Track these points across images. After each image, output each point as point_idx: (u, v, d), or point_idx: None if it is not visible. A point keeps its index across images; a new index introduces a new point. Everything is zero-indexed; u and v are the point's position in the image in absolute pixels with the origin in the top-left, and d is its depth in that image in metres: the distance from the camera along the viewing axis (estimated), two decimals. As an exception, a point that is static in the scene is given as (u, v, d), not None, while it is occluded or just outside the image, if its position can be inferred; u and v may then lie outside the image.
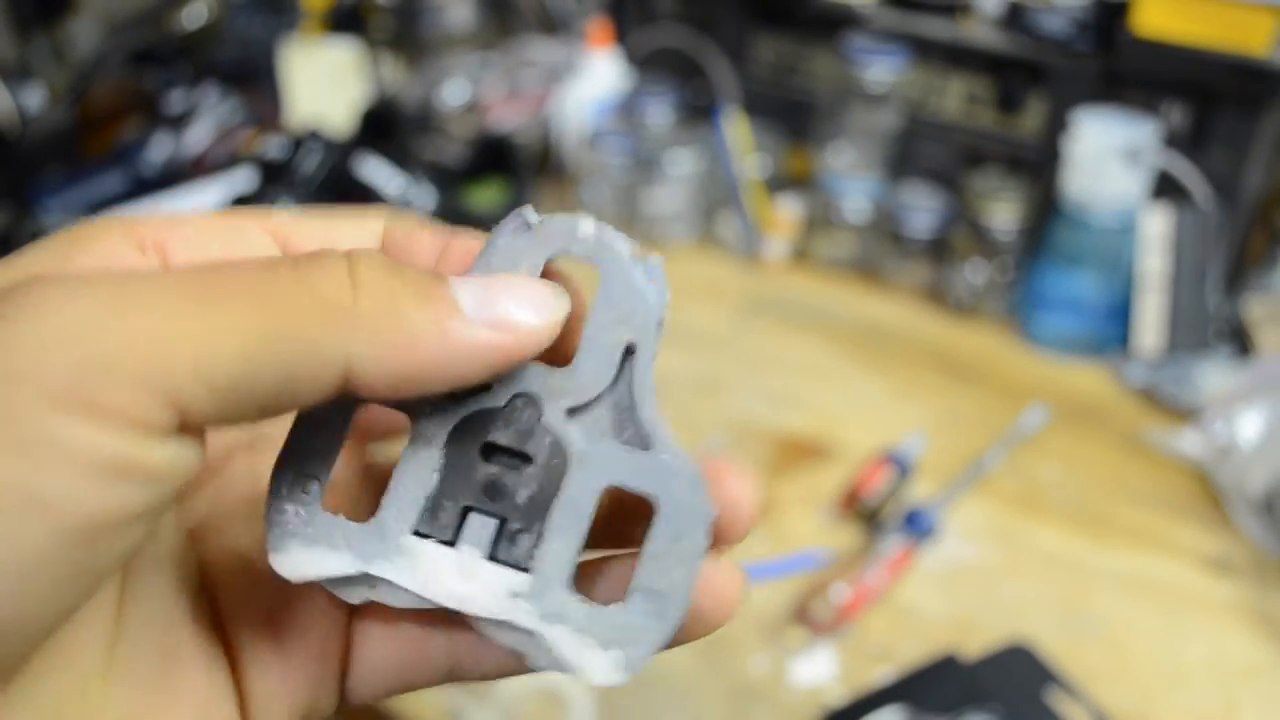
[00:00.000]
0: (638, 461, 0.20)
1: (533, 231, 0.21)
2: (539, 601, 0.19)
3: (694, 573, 0.19)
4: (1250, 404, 0.62)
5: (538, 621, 0.19)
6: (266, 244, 0.21)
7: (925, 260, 0.82)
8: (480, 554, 0.20)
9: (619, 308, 0.21)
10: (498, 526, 0.20)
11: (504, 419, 0.20)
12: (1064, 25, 0.75)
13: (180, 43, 0.96)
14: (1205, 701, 0.49)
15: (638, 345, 0.20)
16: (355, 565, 0.19)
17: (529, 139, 0.95)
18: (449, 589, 0.19)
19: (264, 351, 0.16)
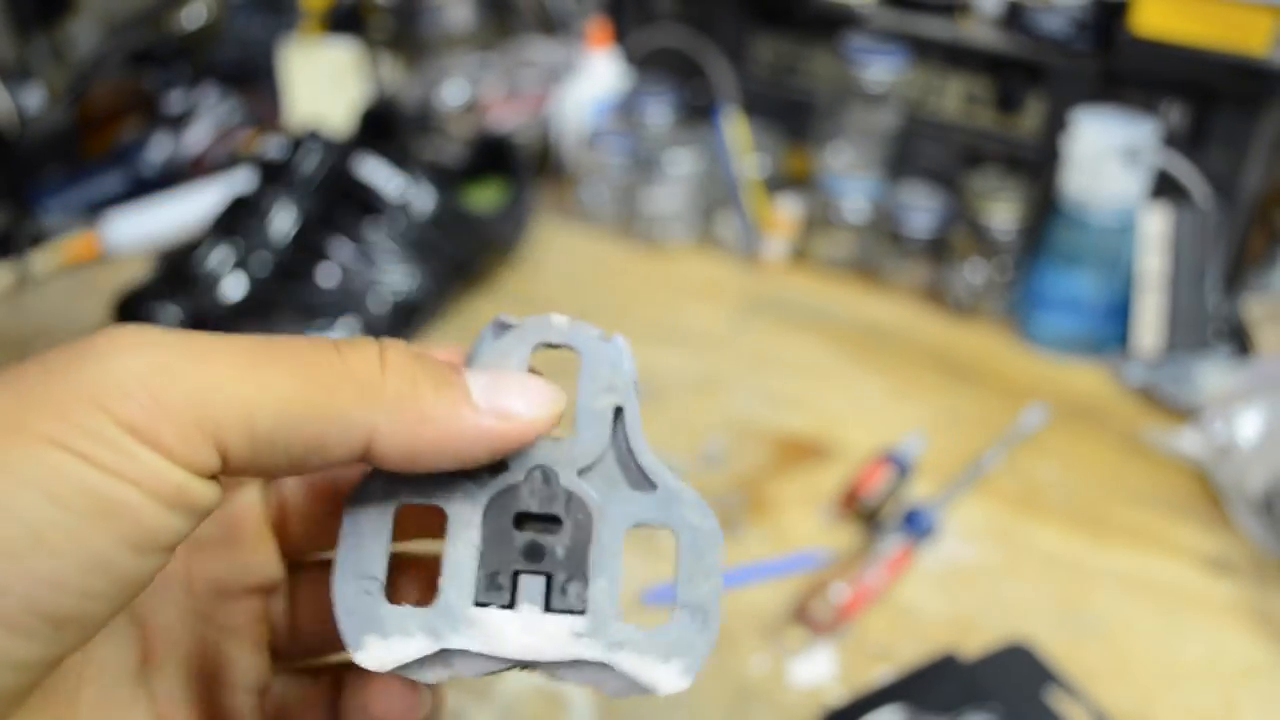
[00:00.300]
0: (649, 501, 0.23)
1: (513, 330, 0.24)
2: (601, 635, 0.22)
3: (720, 584, 0.23)
4: (1249, 403, 0.62)
5: (604, 653, 0.22)
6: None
7: (924, 260, 0.82)
8: (538, 608, 0.22)
9: (600, 380, 0.24)
10: (546, 582, 0.23)
11: (527, 490, 0.23)
12: (1063, 25, 0.75)
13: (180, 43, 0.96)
14: (1204, 701, 0.49)
15: (624, 406, 0.24)
16: (433, 644, 0.22)
17: (528, 139, 0.95)
18: (520, 645, 0.22)
19: (300, 414, 0.19)
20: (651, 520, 0.23)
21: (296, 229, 0.70)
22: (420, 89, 0.97)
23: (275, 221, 0.70)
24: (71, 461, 0.17)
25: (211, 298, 0.66)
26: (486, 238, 0.80)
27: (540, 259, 0.85)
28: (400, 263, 0.72)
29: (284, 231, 0.70)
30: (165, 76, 0.93)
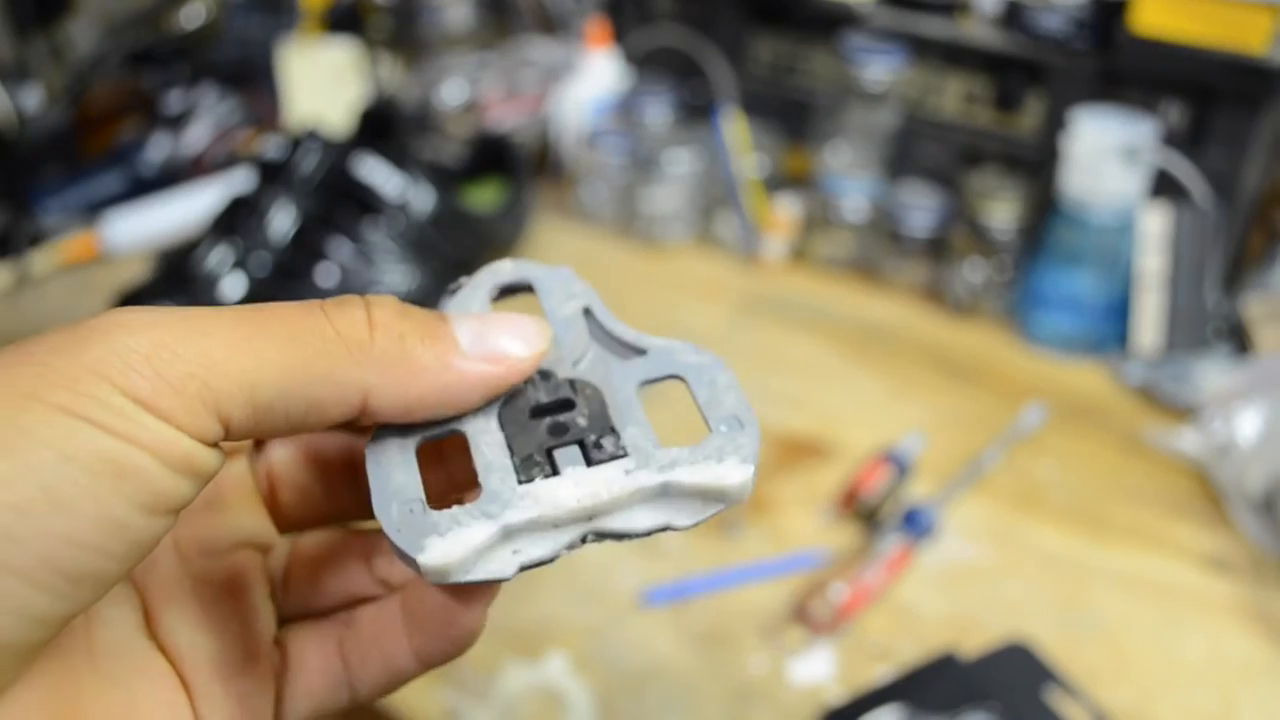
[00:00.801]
0: (646, 362, 0.25)
1: (465, 285, 0.26)
2: (651, 462, 0.23)
3: (741, 394, 0.24)
4: (1249, 402, 0.62)
5: (660, 475, 0.22)
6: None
7: (924, 259, 0.82)
8: (582, 467, 0.23)
9: (559, 294, 0.26)
10: (579, 446, 0.23)
11: (532, 390, 0.24)
12: (1062, 24, 0.75)
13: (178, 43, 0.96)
14: (1204, 700, 0.49)
15: (590, 305, 0.25)
16: (493, 525, 0.22)
17: (528, 138, 0.95)
18: (578, 497, 0.22)
19: (295, 380, 0.20)
20: (655, 375, 0.24)
21: (296, 229, 0.70)
22: (419, 89, 0.97)
23: (274, 221, 0.70)
24: (85, 427, 0.18)
25: (211, 297, 0.66)
26: (486, 237, 0.80)
27: (539, 258, 0.85)
28: (399, 262, 0.72)
29: (283, 231, 0.70)
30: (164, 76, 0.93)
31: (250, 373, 0.20)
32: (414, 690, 0.49)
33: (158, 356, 0.19)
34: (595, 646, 0.52)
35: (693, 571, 0.56)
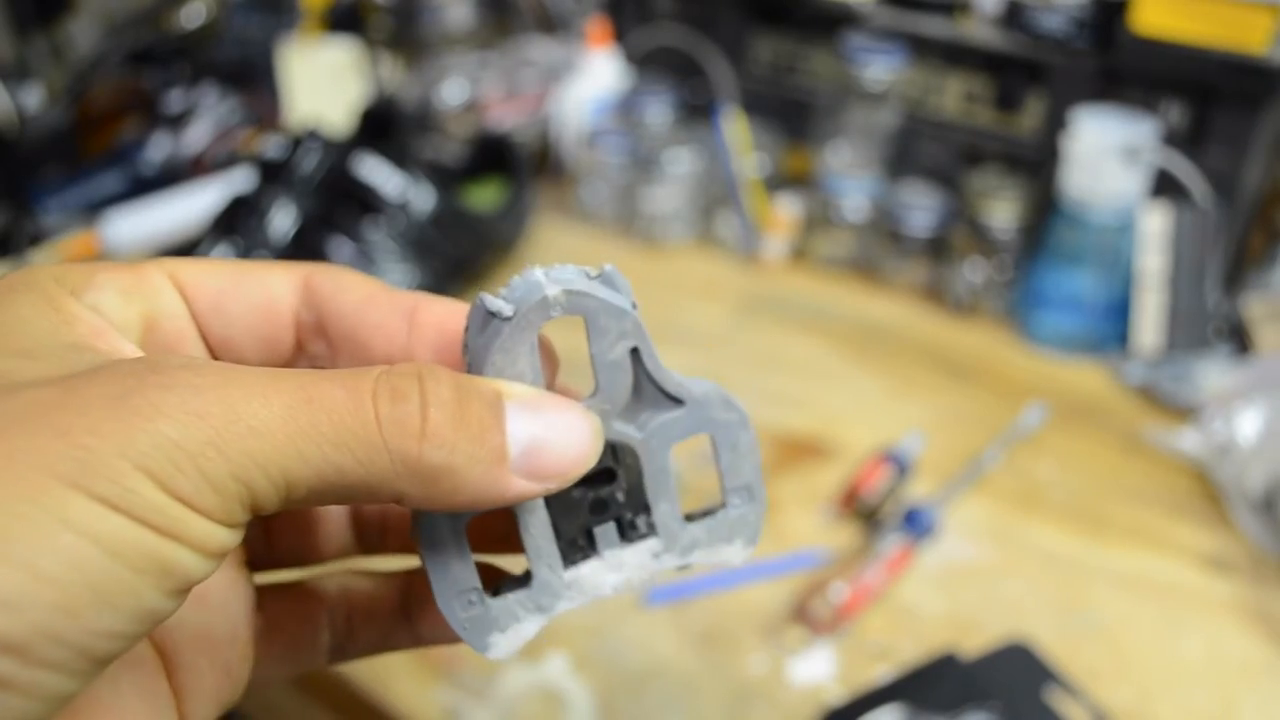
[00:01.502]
0: (681, 417, 0.25)
1: (510, 324, 0.24)
2: (675, 545, 0.25)
3: (758, 458, 0.26)
4: (1249, 402, 0.62)
5: (681, 558, 0.26)
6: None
7: (924, 259, 0.82)
8: (618, 547, 0.25)
9: (609, 332, 0.24)
10: (616, 525, 0.25)
11: None
12: (1063, 24, 0.75)
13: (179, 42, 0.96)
14: (1204, 699, 0.49)
15: (638, 346, 0.25)
16: (545, 618, 0.25)
17: (528, 138, 0.95)
18: (614, 583, 0.25)
19: (334, 484, 0.20)
20: (687, 434, 0.25)
21: (296, 228, 0.70)
22: (420, 88, 0.97)
23: (275, 221, 0.70)
24: (130, 525, 0.18)
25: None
26: (486, 237, 0.80)
27: (540, 258, 0.85)
28: (400, 262, 0.72)
29: (283, 231, 0.70)
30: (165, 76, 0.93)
31: (292, 473, 0.20)
32: (414, 690, 0.49)
33: (203, 456, 0.19)
34: (595, 646, 0.52)
35: (693, 571, 0.56)
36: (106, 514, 0.18)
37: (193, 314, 0.25)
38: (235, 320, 0.25)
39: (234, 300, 0.25)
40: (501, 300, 0.25)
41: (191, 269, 0.25)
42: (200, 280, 0.25)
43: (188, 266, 0.25)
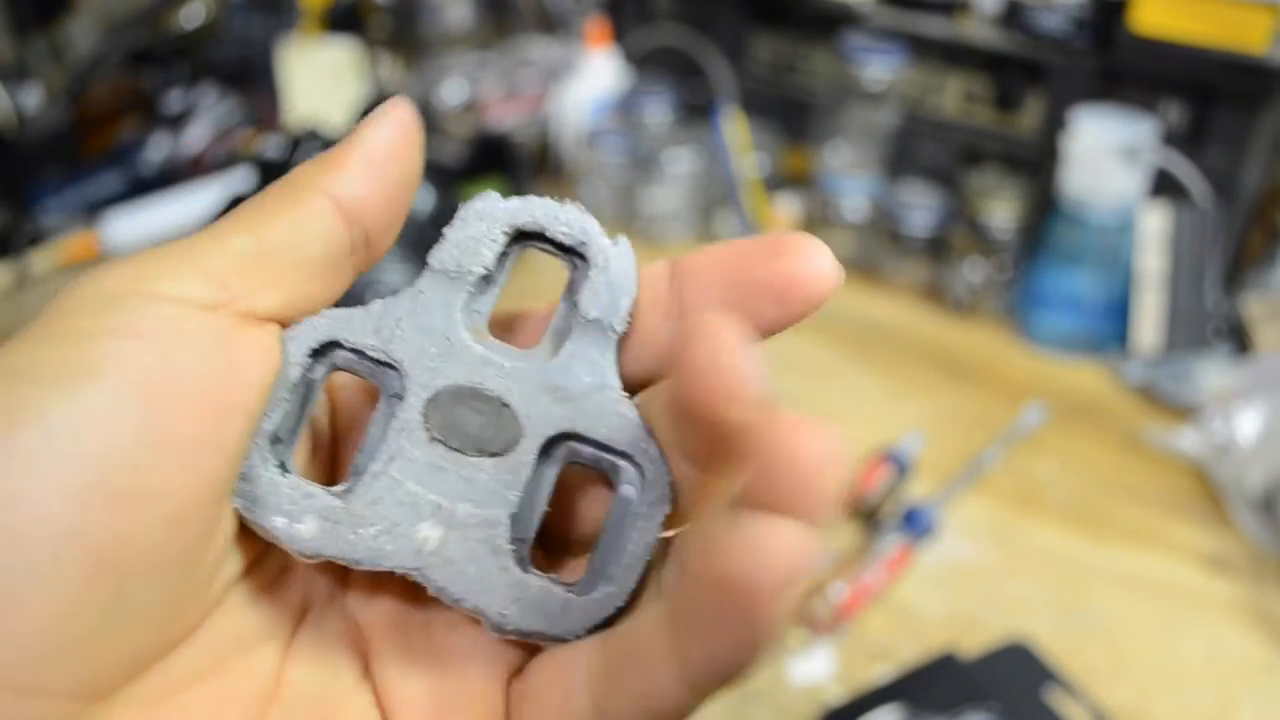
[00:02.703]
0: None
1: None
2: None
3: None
4: (1249, 402, 0.62)
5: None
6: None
7: (924, 259, 0.82)
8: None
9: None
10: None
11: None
12: (1062, 23, 0.75)
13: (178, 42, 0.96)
14: (1203, 699, 0.49)
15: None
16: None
17: (527, 138, 0.95)
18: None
19: None
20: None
21: (295, 228, 0.70)
22: (419, 88, 0.97)
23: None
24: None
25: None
26: (485, 237, 0.80)
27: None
28: (399, 262, 0.72)
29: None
30: (164, 76, 0.93)
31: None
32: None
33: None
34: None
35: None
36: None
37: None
38: None
39: None
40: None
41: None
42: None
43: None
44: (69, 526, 0.17)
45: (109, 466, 0.17)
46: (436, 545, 0.20)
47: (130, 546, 0.17)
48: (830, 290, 0.20)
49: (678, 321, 0.21)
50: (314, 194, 0.21)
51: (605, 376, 0.20)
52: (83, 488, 0.17)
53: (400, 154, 0.22)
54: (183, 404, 0.18)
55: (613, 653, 0.19)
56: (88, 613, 0.17)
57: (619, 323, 0.20)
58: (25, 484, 0.16)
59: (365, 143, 0.22)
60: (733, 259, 0.20)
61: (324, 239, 0.21)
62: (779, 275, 0.20)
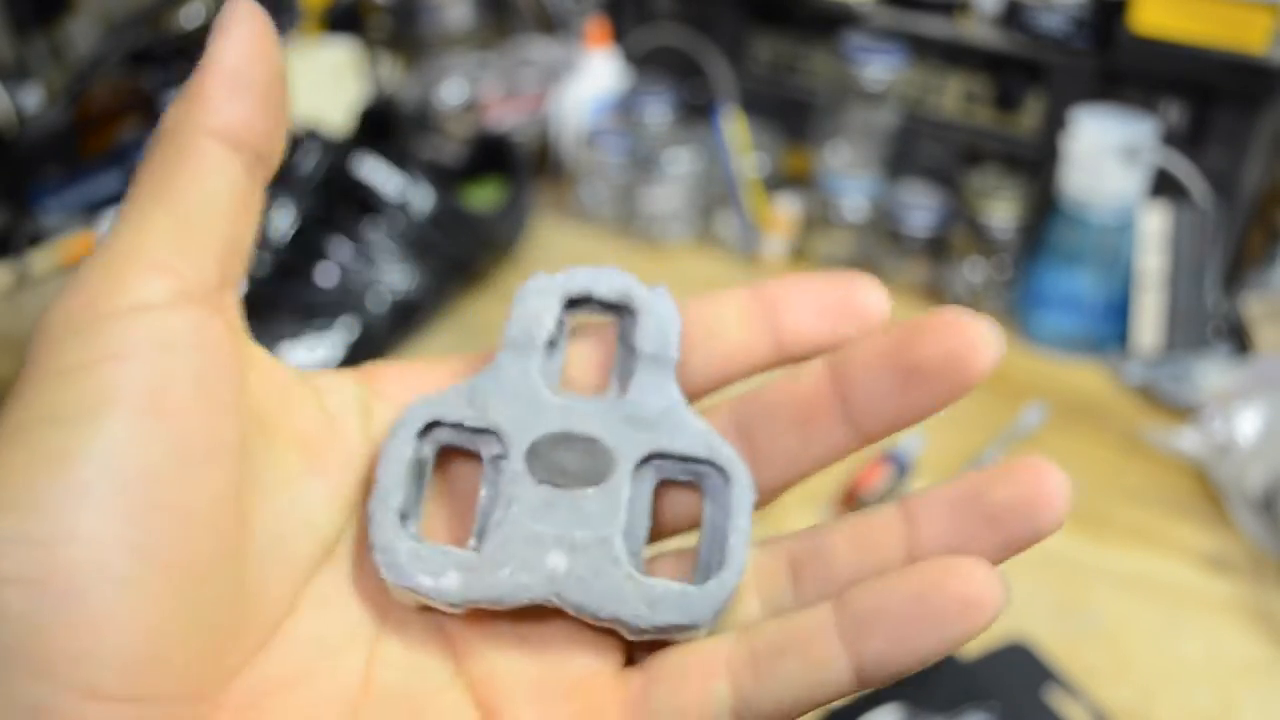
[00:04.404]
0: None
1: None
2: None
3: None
4: (1249, 402, 0.62)
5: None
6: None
7: (924, 259, 0.82)
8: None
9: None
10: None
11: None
12: (1062, 23, 0.75)
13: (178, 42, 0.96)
14: (1204, 699, 0.49)
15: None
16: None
17: (527, 138, 0.95)
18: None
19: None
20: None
21: (295, 228, 0.70)
22: (419, 88, 0.97)
23: (274, 221, 0.70)
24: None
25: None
26: (485, 237, 0.80)
27: (539, 258, 0.85)
28: (399, 262, 0.72)
29: (282, 231, 0.70)
30: (164, 76, 0.93)
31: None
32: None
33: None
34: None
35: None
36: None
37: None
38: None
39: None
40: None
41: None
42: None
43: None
44: (135, 544, 0.18)
45: (150, 483, 0.18)
46: (566, 569, 0.22)
47: (188, 552, 0.18)
48: (887, 309, 0.24)
49: (770, 324, 0.24)
50: (194, 137, 0.21)
51: (672, 398, 0.24)
52: (136, 508, 0.18)
53: (258, 55, 0.22)
54: (187, 411, 0.19)
55: (764, 642, 0.21)
56: (173, 619, 0.18)
57: (673, 351, 0.24)
58: (87, 517, 0.18)
59: (220, 61, 0.21)
60: (812, 285, 0.24)
61: (224, 180, 0.21)
62: (856, 302, 0.24)
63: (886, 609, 0.20)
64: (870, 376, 0.22)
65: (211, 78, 0.21)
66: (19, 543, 0.17)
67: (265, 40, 0.22)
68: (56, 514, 0.17)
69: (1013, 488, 0.21)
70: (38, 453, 0.18)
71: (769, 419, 0.24)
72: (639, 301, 0.24)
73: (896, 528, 0.22)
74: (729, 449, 0.24)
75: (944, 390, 0.22)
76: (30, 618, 0.17)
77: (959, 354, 0.21)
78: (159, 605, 0.18)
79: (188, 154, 0.21)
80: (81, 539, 0.17)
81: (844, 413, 0.23)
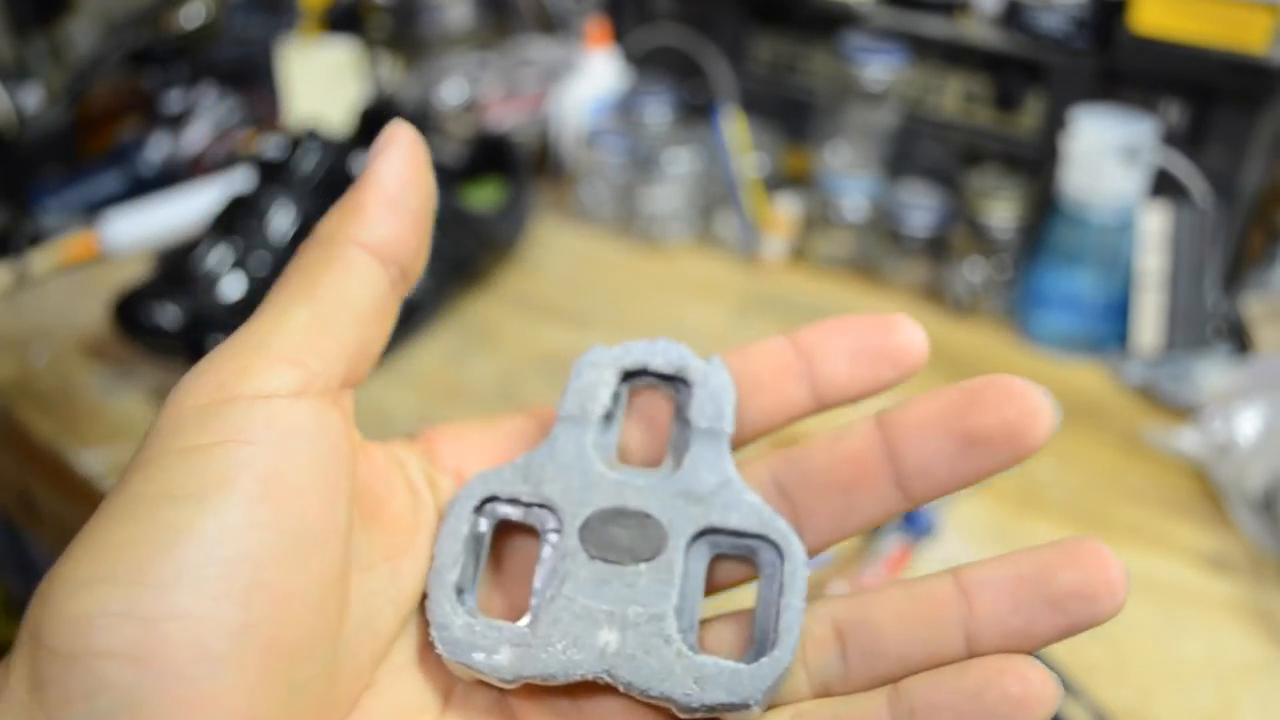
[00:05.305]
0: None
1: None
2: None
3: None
4: (1249, 402, 0.62)
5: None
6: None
7: (924, 259, 0.82)
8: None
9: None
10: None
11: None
12: (1062, 23, 0.75)
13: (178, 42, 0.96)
14: (1203, 699, 0.49)
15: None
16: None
17: (527, 138, 0.95)
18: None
19: None
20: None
21: (295, 228, 0.70)
22: (419, 88, 0.97)
23: (274, 221, 0.70)
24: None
25: (210, 297, 0.66)
26: (486, 237, 0.80)
27: (539, 258, 0.85)
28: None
29: (283, 231, 0.70)
30: (164, 76, 0.93)
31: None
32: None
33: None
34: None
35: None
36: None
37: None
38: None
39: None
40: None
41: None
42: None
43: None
44: (240, 625, 0.18)
45: (258, 565, 0.19)
46: (617, 647, 0.22)
47: (289, 632, 0.19)
48: (925, 354, 0.25)
49: (808, 375, 0.24)
50: (346, 247, 0.22)
51: (727, 473, 0.24)
52: (243, 589, 0.18)
53: (414, 180, 0.23)
54: (301, 496, 0.20)
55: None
56: (268, 697, 0.19)
57: (728, 425, 0.24)
58: (194, 597, 0.18)
59: (380, 182, 0.23)
60: (851, 331, 0.25)
61: (368, 289, 0.23)
62: (894, 347, 0.25)
63: (942, 705, 0.20)
64: (925, 441, 0.22)
65: (369, 196, 0.23)
66: (126, 618, 0.18)
67: (421, 166, 0.24)
68: (164, 592, 0.18)
69: (1078, 573, 0.22)
70: (151, 529, 0.18)
71: (814, 481, 0.24)
72: (694, 373, 0.24)
73: (952, 606, 0.22)
74: (783, 523, 0.23)
75: (1000, 458, 0.22)
76: (131, 692, 0.17)
77: (1017, 423, 0.22)
78: (256, 684, 0.18)
79: (336, 260, 0.22)
80: (186, 618, 0.18)
81: (894, 476, 0.23)
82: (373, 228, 0.22)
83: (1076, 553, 0.22)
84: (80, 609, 0.18)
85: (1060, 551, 0.21)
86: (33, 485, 0.68)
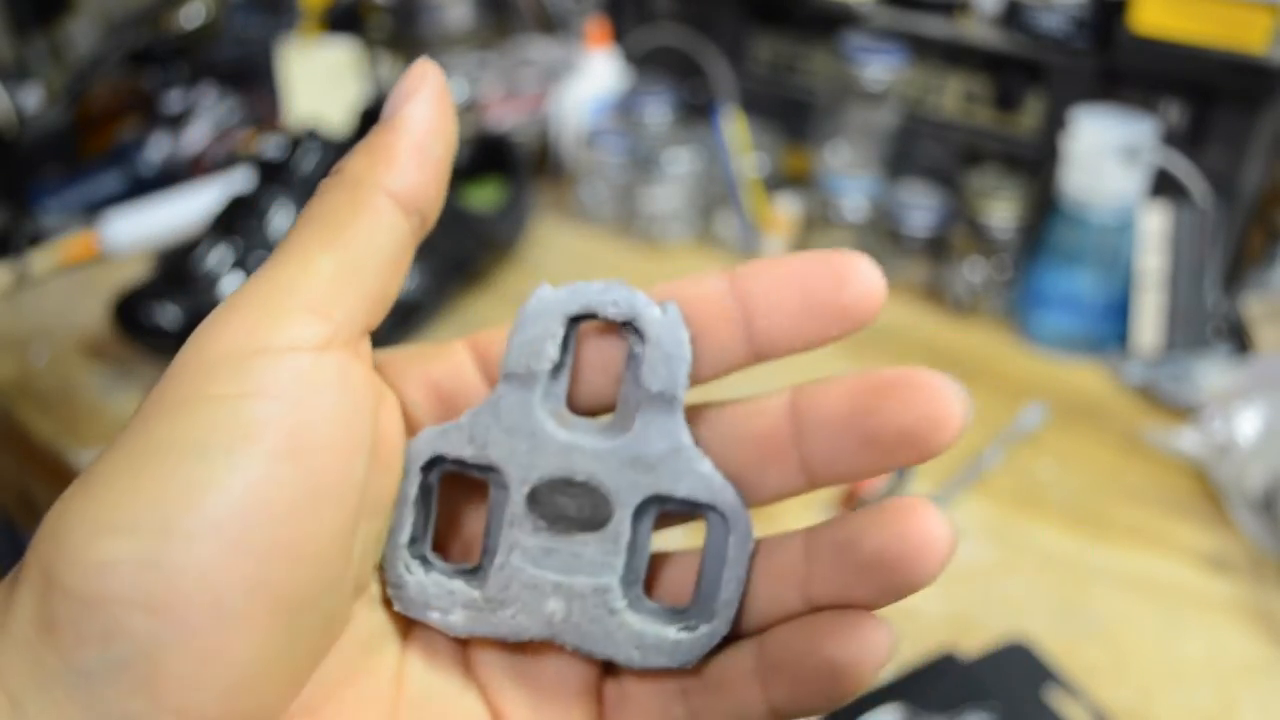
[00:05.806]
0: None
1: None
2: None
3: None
4: (1249, 402, 0.62)
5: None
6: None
7: (923, 259, 0.82)
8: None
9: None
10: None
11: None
12: (1062, 23, 0.75)
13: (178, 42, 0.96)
14: (1203, 699, 0.49)
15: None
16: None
17: (527, 138, 0.95)
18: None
19: None
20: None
21: (295, 228, 0.70)
22: (419, 88, 0.97)
23: (274, 221, 0.70)
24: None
25: (210, 297, 0.66)
26: (486, 237, 0.80)
27: (539, 258, 0.85)
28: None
29: (283, 231, 0.70)
30: (164, 76, 0.93)
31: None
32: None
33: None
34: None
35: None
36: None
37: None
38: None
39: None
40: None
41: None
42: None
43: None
44: (256, 581, 0.19)
45: (278, 522, 0.19)
46: (564, 615, 0.23)
47: (298, 587, 0.19)
48: (879, 308, 0.24)
49: (745, 330, 0.24)
50: (375, 193, 0.22)
51: (678, 439, 0.23)
52: (261, 544, 0.19)
53: (442, 129, 0.24)
54: (323, 454, 0.20)
55: (709, 679, 0.23)
56: (269, 650, 0.19)
57: (680, 390, 0.24)
58: (217, 551, 0.18)
59: (411, 128, 0.23)
60: (797, 280, 0.23)
61: (393, 238, 0.22)
62: (845, 301, 0.24)
63: (797, 676, 0.22)
64: (830, 436, 0.22)
65: (400, 142, 0.23)
66: (148, 567, 0.18)
67: (448, 112, 0.24)
68: (187, 545, 0.18)
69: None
70: (175, 480, 0.19)
71: (724, 452, 0.24)
72: (647, 324, 0.23)
73: (799, 567, 0.23)
74: (732, 494, 0.23)
75: (904, 459, 0.22)
76: (146, 641, 0.18)
77: (921, 427, 0.21)
78: (262, 636, 0.19)
79: (365, 207, 0.22)
80: (206, 572, 0.18)
81: (799, 460, 0.23)
82: (403, 175, 0.22)
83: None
84: (102, 555, 0.18)
85: (876, 512, 0.23)
86: (33, 485, 0.68)
